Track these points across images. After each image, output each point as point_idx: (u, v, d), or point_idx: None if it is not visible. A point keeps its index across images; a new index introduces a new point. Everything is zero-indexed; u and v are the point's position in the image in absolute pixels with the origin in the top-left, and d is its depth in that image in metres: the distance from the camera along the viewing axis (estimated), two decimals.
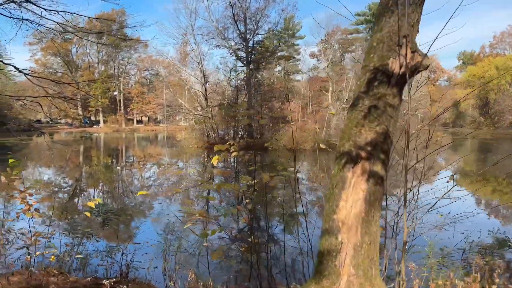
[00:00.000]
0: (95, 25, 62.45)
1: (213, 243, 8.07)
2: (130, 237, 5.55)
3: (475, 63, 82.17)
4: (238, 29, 32.54)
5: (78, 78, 72.69)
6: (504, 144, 37.82)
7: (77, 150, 36.86)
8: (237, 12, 31.57)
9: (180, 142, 37.90)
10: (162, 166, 24.84)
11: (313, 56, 70.20)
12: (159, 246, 6.31)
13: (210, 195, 13.20)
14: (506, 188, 15.87)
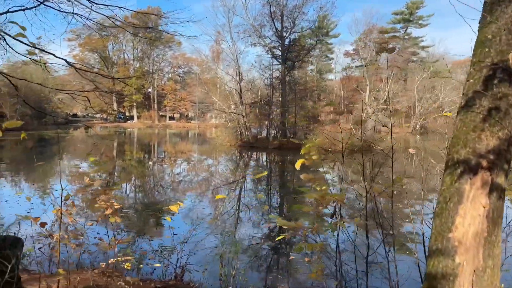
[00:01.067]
0: (131, 22, 63.14)
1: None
2: (186, 238, 5.37)
3: None
4: (275, 27, 32.20)
5: (114, 74, 74.55)
6: None
7: (120, 144, 37.67)
8: (274, 9, 31.22)
9: (213, 139, 37.99)
10: (213, 166, 24.87)
11: (347, 55, 69.00)
12: (216, 249, 6.10)
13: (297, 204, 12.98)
14: None
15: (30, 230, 5.54)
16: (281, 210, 11.99)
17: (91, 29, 9.31)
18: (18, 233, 6.06)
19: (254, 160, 26.75)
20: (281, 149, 30.43)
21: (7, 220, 8.51)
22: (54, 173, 19.09)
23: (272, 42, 34.42)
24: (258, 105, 33.83)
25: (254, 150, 31.08)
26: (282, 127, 32.26)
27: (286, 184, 17.50)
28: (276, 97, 32.73)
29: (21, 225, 6.33)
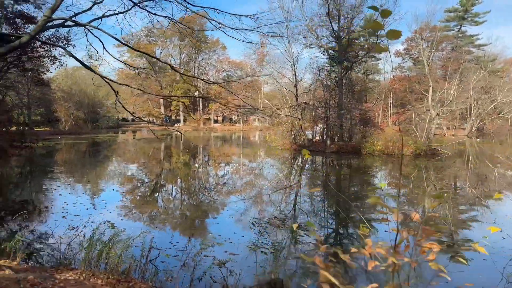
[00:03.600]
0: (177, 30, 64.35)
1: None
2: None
3: None
4: (332, 27, 31.19)
5: (161, 79, 76.50)
6: None
7: (159, 148, 38.18)
8: (332, 9, 30.34)
9: (265, 143, 37.65)
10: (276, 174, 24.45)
11: (398, 54, 66.38)
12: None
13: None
14: None
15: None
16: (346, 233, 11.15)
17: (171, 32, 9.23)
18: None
19: (312, 164, 25.86)
20: (339, 153, 29.39)
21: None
22: (106, 176, 19.39)
23: (328, 43, 33.65)
24: (314, 107, 33.03)
25: (310, 153, 30.08)
26: (339, 130, 31.25)
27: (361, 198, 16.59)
28: (333, 99, 31.77)
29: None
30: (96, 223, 6.85)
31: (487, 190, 16.02)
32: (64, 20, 7.18)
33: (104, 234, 6.18)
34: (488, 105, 53.18)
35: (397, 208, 2.03)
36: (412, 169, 21.83)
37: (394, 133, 32.03)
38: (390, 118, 63.39)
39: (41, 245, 7.73)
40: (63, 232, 7.47)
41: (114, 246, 5.79)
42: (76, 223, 8.75)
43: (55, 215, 10.44)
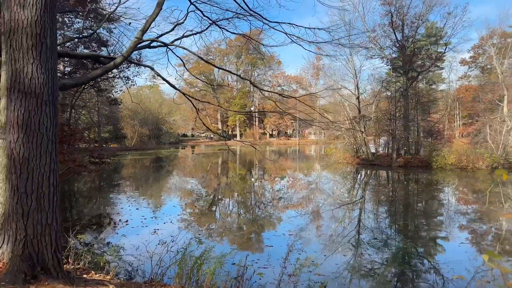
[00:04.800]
0: (233, 47, 65.93)
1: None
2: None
3: None
4: (396, 37, 30.23)
5: (219, 96, 78.63)
6: None
7: (216, 162, 38.84)
8: (395, 19, 29.55)
9: (327, 156, 36.99)
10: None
11: (464, 63, 62.68)
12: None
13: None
14: None
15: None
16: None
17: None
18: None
19: (379, 179, 24.85)
20: (406, 167, 28.06)
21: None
22: (166, 189, 20.00)
23: (392, 53, 32.67)
24: (378, 119, 32.00)
25: (374, 168, 29.16)
26: (406, 143, 29.88)
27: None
28: (398, 110, 30.61)
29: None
30: (183, 238, 6.94)
31: None
32: (151, 41, 7.58)
33: (186, 249, 6.19)
34: None
35: None
36: (488, 184, 20.12)
37: (464, 146, 29.94)
38: (457, 129, 59.57)
39: (126, 259, 7.97)
40: (142, 245, 7.66)
41: (206, 262, 5.79)
42: (153, 236, 9.02)
43: (135, 229, 10.84)
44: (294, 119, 74.53)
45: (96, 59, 8.29)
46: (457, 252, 9.02)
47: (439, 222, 12.51)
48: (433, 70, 47.03)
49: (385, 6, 29.91)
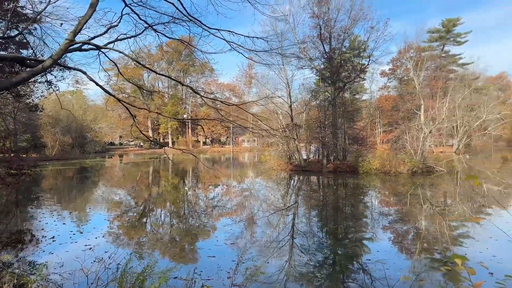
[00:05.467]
0: (165, 53, 64.21)
1: None
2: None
3: None
4: (324, 49, 31.69)
5: (149, 102, 76.31)
6: None
7: (147, 171, 37.57)
8: (323, 31, 30.95)
9: (260, 163, 37.44)
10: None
11: (383, 74, 67.63)
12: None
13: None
14: None
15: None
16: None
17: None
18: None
19: (310, 184, 25.64)
20: (335, 173, 29.31)
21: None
22: (92, 201, 18.84)
23: (321, 64, 34.07)
24: (310, 127, 33.19)
25: (306, 174, 30.09)
26: (335, 150, 31.33)
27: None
28: (327, 118, 32.05)
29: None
30: (119, 253, 6.48)
31: (478, 206, 15.96)
32: (82, 44, 7.04)
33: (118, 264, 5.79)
34: (474, 122, 54.11)
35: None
36: (409, 187, 21.78)
37: (386, 151, 32.18)
38: (379, 136, 63.95)
39: (54, 278, 7.27)
40: (75, 263, 7.08)
41: (148, 277, 5.44)
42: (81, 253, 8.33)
43: (64, 245, 10.01)
44: (228, 127, 74.86)
45: (21, 62, 7.57)
46: (382, 252, 9.58)
47: (365, 224, 13.23)
48: (357, 81, 50.22)
49: (314, 19, 31.37)
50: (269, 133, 27.69)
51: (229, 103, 14.91)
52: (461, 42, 66.42)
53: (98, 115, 70.84)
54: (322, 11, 30.76)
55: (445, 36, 66.04)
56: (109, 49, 7.31)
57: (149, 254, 9.49)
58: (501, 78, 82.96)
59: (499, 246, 9.58)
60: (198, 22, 7.49)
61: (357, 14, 30.64)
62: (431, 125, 28.67)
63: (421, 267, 8.48)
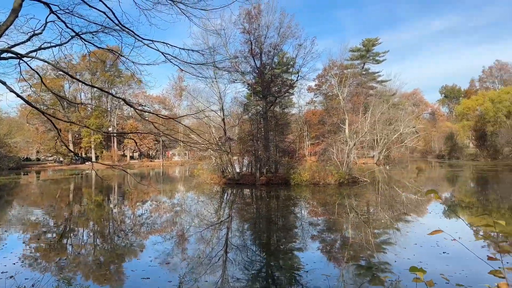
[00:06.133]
0: (88, 63, 61.06)
1: None
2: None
3: (468, 97, 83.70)
4: (255, 64, 32.30)
5: (71, 115, 71.51)
6: (503, 174, 37.28)
7: (68, 188, 34.97)
8: (254, 47, 31.48)
9: (194, 177, 36.57)
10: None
11: (310, 90, 70.64)
12: None
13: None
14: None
15: None
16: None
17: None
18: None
19: (244, 197, 25.54)
20: (268, 185, 29.60)
21: None
22: (6, 222, 16.98)
23: (253, 79, 34.57)
24: (242, 141, 33.28)
25: (240, 187, 29.99)
26: (267, 162, 31.71)
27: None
28: (259, 132, 32.44)
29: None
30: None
31: (398, 213, 17.12)
32: (1, 52, 6.26)
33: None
34: (392, 135, 58.47)
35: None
36: (337, 197, 22.70)
37: (314, 163, 33.37)
38: (307, 149, 66.34)
39: None
40: None
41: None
42: None
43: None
44: (158, 141, 72.82)
45: None
46: (311, 261, 9.76)
47: (296, 234, 13.47)
48: (287, 96, 51.88)
49: (245, 35, 31.89)
50: (202, 147, 27.35)
51: (164, 116, 14.46)
52: (380, 61, 72.01)
53: (13, 128, 64.74)
54: (253, 28, 31.44)
55: (365, 55, 71.14)
56: (31, 57, 6.67)
57: (79, 279, 8.69)
58: (415, 94, 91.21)
59: (424, 252, 10.19)
60: (131, 32, 7.13)
61: (286, 31, 31.81)
62: (355, 138, 30.45)
63: (359, 277, 8.74)
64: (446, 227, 13.20)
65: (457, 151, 71.36)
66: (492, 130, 59.98)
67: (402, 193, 24.91)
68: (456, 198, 22.12)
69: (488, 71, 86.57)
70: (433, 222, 14.64)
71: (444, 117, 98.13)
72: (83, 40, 7.39)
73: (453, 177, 37.93)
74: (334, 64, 55.32)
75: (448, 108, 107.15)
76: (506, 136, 53.33)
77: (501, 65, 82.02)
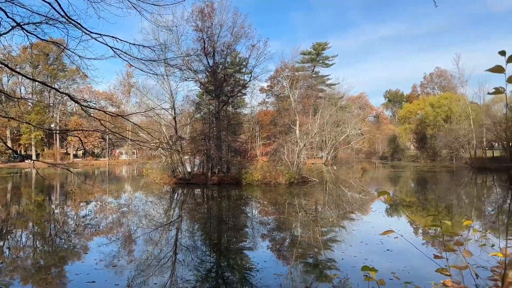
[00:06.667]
0: (30, 55, 57.49)
1: None
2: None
3: (410, 101, 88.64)
4: (208, 63, 31.99)
5: (9, 110, 66.77)
6: (440, 175, 40.03)
7: (5, 188, 32.66)
8: (207, 46, 31.15)
9: (143, 177, 35.46)
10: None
11: (262, 91, 71.23)
12: None
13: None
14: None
15: None
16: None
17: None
18: None
19: (195, 197, 25.16)
20: (220, 185, 29.37)
21: None
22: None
23: (205, 78, 34.13)
24: (194, 140, 32.73)
25: (191, 186, 29.50)
26: (219, 162, 31.47)
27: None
28: (211, 131, 32.15)
29: None
30: None
31: (344, 212, 17.81)
32: None
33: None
34: (340, 137, 60.53)
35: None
36: (287, 197, 23.11)
37: (265, 163, 33.74)
38: (258, 149, 66.89)
39: None
40: None
41: None
42: None
43: None
44: (104, 138, 70.14)
45: None
46: (262, 260, 9.86)
47: (246, 234, 13.56)
48: (240, 96, 51.93)
49: (198, 32, 31.49)
50: (151, 145, 26.63)
51: (111, 113, 13.88)
52: (329, 65, 74.29)
53: None
54: (206, 26, 31.15)
55: (316, 58, 73.02)
56: None
57: (17, 284, 8.11)
58: (361, 98, 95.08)
59: (369, 249, 10.62)
60: (78, 24, 6.78)
61: (239, 31, 31.86)
62: (305, 139, 31.19)
63: (308, 274, 8.94)
64: (390, 225, 13.94)
65: (399, 152, 75.36)
66: (432, 133, 63.93)
67: (348, 193, 25.91)
68: (398, 198, 23.37)
69: (429, 77, 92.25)
70: (377, 220, 15.37)
71: (387, 120, 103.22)
72: (25, 31, 6.93)
73: (395, 177, 40.04)
74: (286, 66, 56.26)
75: (391, 112, 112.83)
76: (444, 139, 57.08)
77: (440, 72, 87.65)
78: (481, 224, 14.26)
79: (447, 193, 25.63)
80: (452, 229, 2.56)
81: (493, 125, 46.02)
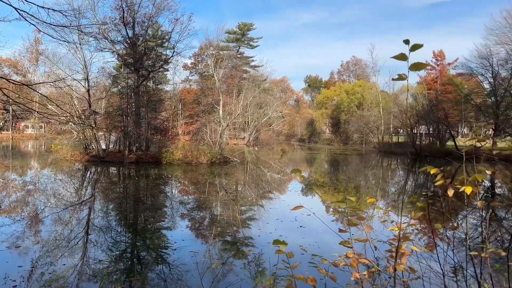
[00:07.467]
0: None
1: None
2: None
3: (328, 87, 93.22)
4: (127, 33, 29.97)
5: None
6: (351, 158, 43.20)
7: None
8: (126, 15, 29.11)
9: (51, 153, 32.58)
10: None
11: (186, 68, 69.44)
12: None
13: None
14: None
15: None
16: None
17: None
18: None
19: (110, 176, 23.86)
20: (138, 164, 28.12)
21: None
22: None
23: (123, 49, 32.07)
24: (110, 115, 30.66)
25: (106, 165, 27.85)
26: (137, 140, 30.04)
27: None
28: (130, 107, 30.49)
29: None
30: None
31: (263, 191, 18.44)
32: None
33: None
34: (262, 118, 61.77)
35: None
36: (208, 176, 23.10)
37: (187, 143, 33.24)
38: (180, 128, 65.62)
39: None
40: None
41: None
42: None
43: None
44: (7, 110, 63.50)
45: None
46: (179, 239, 9.82)
47: (165, 213, 13.38)
48: (161, 71, 50.15)
49: (117, 0, 29.41)
50: (61, 119, 24.60)
51: (16, 81, 12.57)
52: (254, 46, 74.75)
53: None
54: None
55: (241, 39, 72.95)
56: None
57: None
58: (283, 82, 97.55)
59: (284, 226, 11.13)
60: None
61: (162, 3, 30.47)
62: (228, 119, 31.28)
63: (225, 252, 9.09)
64: (304, 203, 14.71)
65: (316, 136, 79.45)
66: (345, 118, 68.26)
67: (267, 173, 26.75)
68: (312, 178, 24.71)
69: (346, 65, 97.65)
70: (293, 199, 16.13)
71: (306, 104, 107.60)
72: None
73: (311, 159, 42.24)
74: (211, 44, 55.43)
75: (310, 97, 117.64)
76: (356, 124, 61.39)
77: (356, 60, 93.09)
78: (384, 203, 15.70)
79: (356, 174, 27.74)
80: (359, 206, 2.78)
81: (400, 113, 50.44)
